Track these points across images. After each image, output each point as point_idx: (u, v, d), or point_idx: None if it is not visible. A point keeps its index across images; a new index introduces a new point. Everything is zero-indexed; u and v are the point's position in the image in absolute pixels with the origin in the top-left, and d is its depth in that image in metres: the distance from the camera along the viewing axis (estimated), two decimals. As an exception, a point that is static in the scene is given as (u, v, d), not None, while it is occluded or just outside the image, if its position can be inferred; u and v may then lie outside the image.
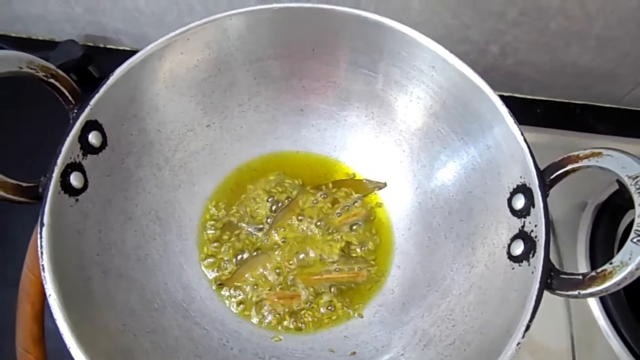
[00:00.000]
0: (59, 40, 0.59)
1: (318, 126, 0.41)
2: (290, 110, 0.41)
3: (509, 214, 0.31)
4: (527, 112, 0.57)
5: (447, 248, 0.35)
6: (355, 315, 0.36)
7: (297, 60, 0.39)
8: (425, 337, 0.32)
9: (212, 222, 0.39)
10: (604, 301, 0.40)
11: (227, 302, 0.36)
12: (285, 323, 0.35)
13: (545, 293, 0.27)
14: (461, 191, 0.36)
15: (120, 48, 0.60)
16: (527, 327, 0.26)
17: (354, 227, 0.39)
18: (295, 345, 0.34)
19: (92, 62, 0.56)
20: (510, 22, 0.49)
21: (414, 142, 0.39)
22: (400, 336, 0.33)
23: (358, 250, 0.39)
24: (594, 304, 0.40)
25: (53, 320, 0.42)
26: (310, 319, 0.35)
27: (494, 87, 0.33)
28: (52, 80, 0.30)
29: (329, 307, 0.36)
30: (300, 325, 0.35)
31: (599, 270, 0.25)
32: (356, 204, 0.40)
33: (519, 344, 0.25)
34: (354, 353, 0.33)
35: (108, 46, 0.60)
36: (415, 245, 0.37)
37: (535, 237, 0.29)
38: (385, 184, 0.41)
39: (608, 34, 0.49)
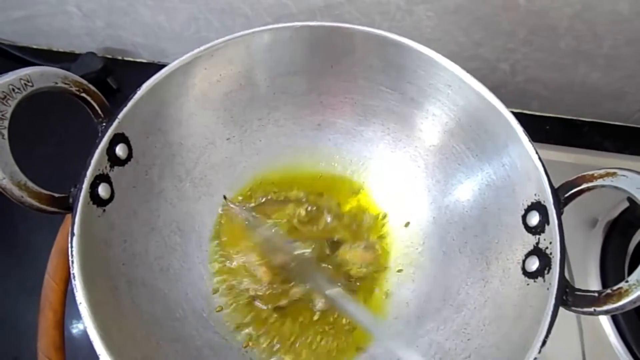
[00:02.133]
0: (78, 52, 0.61)
1: (335, 140, 0.42)
2: (308, 124, 0.42)
3: (524, 230, 0.32)
4: (536, 128, 0.58)
5: (462, 262, 0.36)
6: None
7: (316, 76, 0.40)
8: (441, 351, 0.32)
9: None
10: (615, 318, 0.40)
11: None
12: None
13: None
14: (476, 207, 0.37)
15: (138, 60, 0.62)
16: (544, 343, 0.26)
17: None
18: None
19: (111, 74, 0.57)
20: (520, 40, 0.50)
21: (429, 158, 0.40)
22: (416, 349, 0.33)
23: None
24: (605, 321, 0.41)
25: (71, 328, 0.43)
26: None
27: (504, 103, 0.33)
28: (84, 95, 0.31)
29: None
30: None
31: (614, 287, 0.26)
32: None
33: (535, 359, 0.26)
34: (369, 366, 0.33)
35: (126, 58, 0.62)
36: (429, 259, 0.38)
37: (550, 253, 0.29)
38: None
39: (616, 54, 0.50)
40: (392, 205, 0.42)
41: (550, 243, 0.30)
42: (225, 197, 0.40)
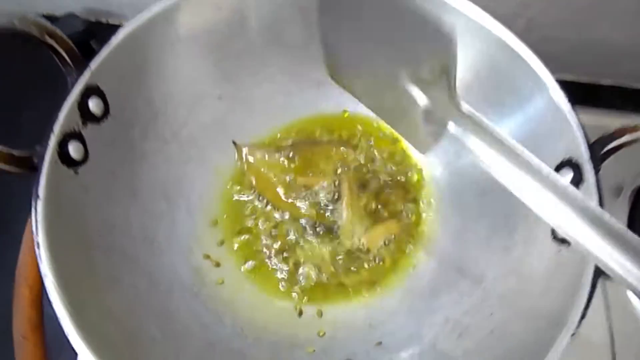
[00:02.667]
0: (59, 15, 0.56)
1: (338, 100, 0.38)
2: (307, 82, 0.38)
3: (552, 192, 0.29)
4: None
5: (480, 230, 0.32)
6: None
7: (313, 27, 0.36)
8: (459, 326, 0.29)
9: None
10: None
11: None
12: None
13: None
14: (495, 169, 0.33)
15: (124, 23, 0.57)
16: (583, 316, 0.23)
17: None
18: (314, 335, 0.31)
19: (94, 37, 0.53)
20: (537, -6, 0.46)
21: (442, 115, 0.36)
22: (431, 325, 0.30)
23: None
24: (632, 294, 0.37)
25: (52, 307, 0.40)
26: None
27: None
28: (47, 39, 0.27)
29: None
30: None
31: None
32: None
33: (573, 334, 0.23)
34: (379, 343, 0.30)
35: (111, 21, 0.57)
36: (444, 227, 0.35)
37: (586, 216, 0.26)
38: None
39: (642, 8, 0.45)
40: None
41: (586, 204, 0.26)
42: (234, 143, 0.37)
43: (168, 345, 0.27)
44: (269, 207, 0.36)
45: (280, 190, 0.35)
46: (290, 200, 0.35)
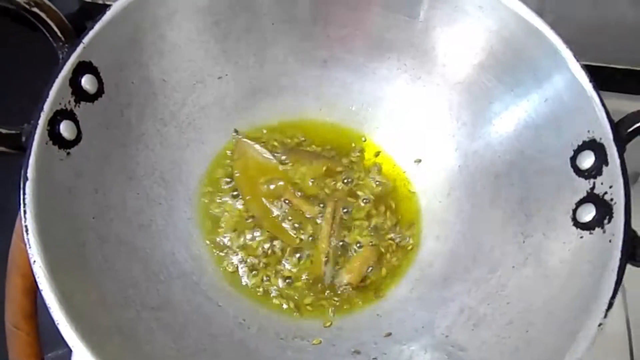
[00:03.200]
0: (52, -6, 0.55)
1: (343, 80, 0.36)
2: (312, 61, 0.36)
3: (573, 174, 0.27)
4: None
5: (495, 216, 0.31)
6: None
7: (322, 2, 0.34)
8: (475, 316, 0.27)
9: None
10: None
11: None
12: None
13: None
14: (510, 151, 0.31)
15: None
16: (610, 305, 0.21)
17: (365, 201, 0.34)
18: (320, 325, 0.30)
19: (90, 18, 0.51)
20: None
21: (453, 97, 0.34)
22: (444, 315, 0.28)
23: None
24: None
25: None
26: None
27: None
28: (35, 10, 0.25)
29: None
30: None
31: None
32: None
33: (600, 324, 0.21)
34: (389, 334, 0.28)
35: (108, 2, 0.55)
36: (455, 213, 0.33)
37: (611, 199, 0.25)
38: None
39: (664, -15, 0.43)
40: (409, 154, 0.36)
41: (611, 187, 0.25)
42: (236, 131, 0.35)
43: (166, 336, 0.25)
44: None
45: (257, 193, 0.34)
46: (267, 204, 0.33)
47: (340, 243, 0.33)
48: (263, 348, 0.28)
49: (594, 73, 0.54)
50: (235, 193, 0.34)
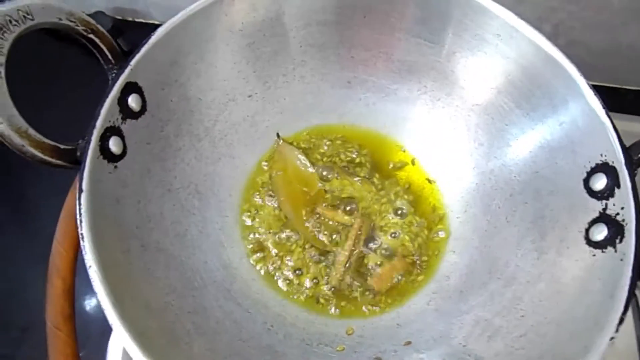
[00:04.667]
0: (87, 13, 0.57)
1: (366, 100, 0.39)
2: (337, 81, 0.38)
3: (586, 195, 0.29)
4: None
5: (510, 233, 0.32)
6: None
7: (347, 27, 0.36)
8: (490, 328, 0.29)
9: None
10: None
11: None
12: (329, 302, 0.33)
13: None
14: (525, 171, 0.33)
15: (150, 22, 0.58)
16: (621, 321, 0.23)
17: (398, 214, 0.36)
18: (343, 333, 0.32)
19: (122, 35, 0.54)
20: (565, -3, 0.46)
21: (471, 118, 0.36)
22: (461, 326, 0.30)
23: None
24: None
25: (82, 300, 0.41)
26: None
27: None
28: (91, 36, 0.27)
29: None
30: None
31: None
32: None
33: (612, 338, 0.22)
34: (409, 343, 0.30)
35: (137, 19, 0.58)
36: (472, 229, 0.35)
37: (623, 220, 0.26)
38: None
39: (674, 10, 0.45)
40: (430, 173, 0.38)
41: (622, 208, 0.26)
42: (278, 135, 0.37)
43: (202, 339, 0.27)
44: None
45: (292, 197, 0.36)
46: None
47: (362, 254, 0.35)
48: (290, 353, 0.30)
49: (606, 94, 0.56)
50: (271, 194, 0.36)
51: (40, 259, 0.35)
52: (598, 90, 0.56)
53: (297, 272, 0.34)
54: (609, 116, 0.28)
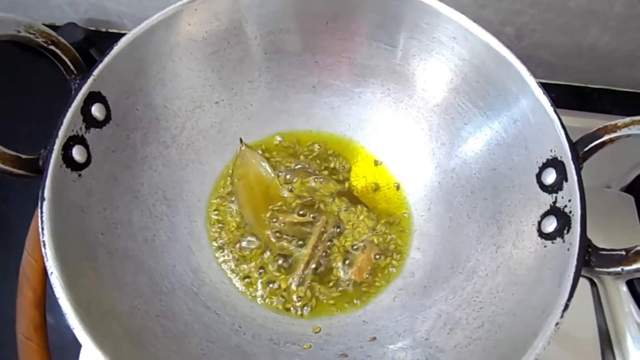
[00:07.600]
0: (59, 24, 0.58)
1: (331, 104, 0.40)
2: (302, 87, 0.39)
3: (539, 189, 0.30)
4: (542, 97, 0.55)
5: (471, 228, 0.33)
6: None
7: (310, 34, 0.37)
8: (451, 321, 0.30)
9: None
10: (633, 289, 0.38)
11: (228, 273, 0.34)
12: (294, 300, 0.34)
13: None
14: (484, 168, 0.34)
15: (123, 32, 0.58)
16: (566, 307, 0.24)
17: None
18: (310, 331, 0.32)
19: (94, 46, 0.54)
20: (527, 1, 0.47)
21: (432, 119, 0.37)
22: (424, 320, 0.31)
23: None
24: (623, 292, 0.38)
25: (54, 308, 0.41)
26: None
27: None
28: (52, 47, 0.28)
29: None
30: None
31: (645, 243, 0.23)
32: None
33: (557, 324, 0.23)
34: (374, 338, 0.31)
35: (111, 30, 0.58)
36: (435, 226, 0.36)
37: (570, 212, 0.27)
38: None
39: (630, 13, 0.47)
40: (394, 173, 0.39)
41: (570, 201, 0.27)
42: (241, 140, 0.38)
43: (170, 342, 0.28)
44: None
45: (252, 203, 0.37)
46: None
47: (324, 254, 0.35)
48: (258, 352, 0.30)
49: (571, 93, 0.57)
50: (232, 199, 0.37)
51: (14, 273, 0.35)
52: (564, 89, 0.58)
53: (260, 273, 0.35)
54: (556, 113, 0.29)
